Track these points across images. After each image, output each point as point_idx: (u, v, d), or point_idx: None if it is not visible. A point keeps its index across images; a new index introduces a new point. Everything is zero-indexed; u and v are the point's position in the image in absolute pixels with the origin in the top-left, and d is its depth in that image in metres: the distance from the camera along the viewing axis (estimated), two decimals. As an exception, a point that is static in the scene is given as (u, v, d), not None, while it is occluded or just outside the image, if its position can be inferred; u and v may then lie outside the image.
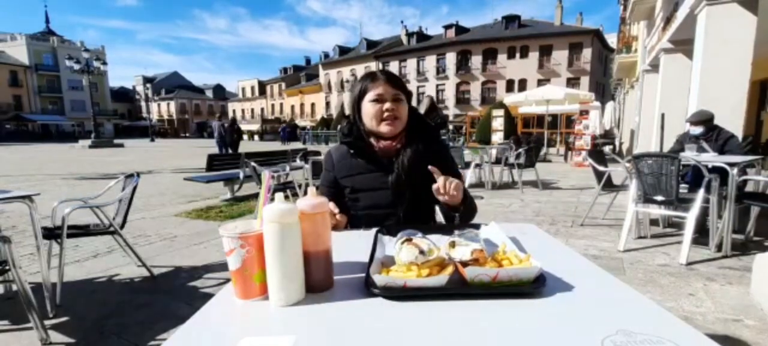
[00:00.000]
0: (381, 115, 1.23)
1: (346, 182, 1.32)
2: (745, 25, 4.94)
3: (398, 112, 1.24)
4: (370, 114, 1.25)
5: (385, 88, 1.24)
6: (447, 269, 0.70)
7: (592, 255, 3.11)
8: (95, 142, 22.42)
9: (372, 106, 1.24)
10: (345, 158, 1.33)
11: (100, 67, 23.11)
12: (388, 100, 1.23)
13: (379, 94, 1.23)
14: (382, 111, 1.23)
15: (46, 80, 48.70)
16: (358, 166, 1.31)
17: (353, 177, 1.31)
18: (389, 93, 1.24)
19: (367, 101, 1.25)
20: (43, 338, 1.86)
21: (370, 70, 1.34)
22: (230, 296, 0.69)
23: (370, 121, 1.26)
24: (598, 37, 33.26)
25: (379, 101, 1.24)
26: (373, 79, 1.26)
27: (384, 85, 1.24)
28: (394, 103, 1.24)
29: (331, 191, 1.35)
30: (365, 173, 1.29)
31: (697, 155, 3.43)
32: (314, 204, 0.69)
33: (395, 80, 1.27)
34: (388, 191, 1.26)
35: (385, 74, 1.27)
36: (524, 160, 6.72)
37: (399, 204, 1.26)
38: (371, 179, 1.28)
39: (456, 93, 37.11)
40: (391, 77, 1.27)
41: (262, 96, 58.39)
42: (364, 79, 1.29)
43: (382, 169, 1.28)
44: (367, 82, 1.27)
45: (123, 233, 2.65)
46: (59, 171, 10.44)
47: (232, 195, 5.82)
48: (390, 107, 1.23)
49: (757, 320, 2.05)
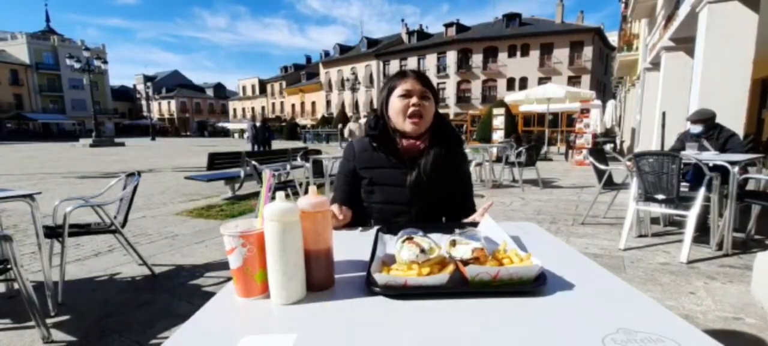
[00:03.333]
0: (407, 110, 1.25)
1: (365, 173, 1.33)
2: (747, 23, 4.93)
3: (424, 110, 1.26)
4: (397, 109, 1.26)
5: (413, 84, 1.26)
6: (448, 268, 0.70)
7: (592, 254, 3.11)
8: (96, 141, 22.43)
9: (399, 101, 1.26)
10: (367, 150, 1.34)
11: (100, 66, 23.14)
12: (415, 96, 1.25)
13: (407, 90, 1.26)
14: (408, 106, 1.25)
15: (47, 79, 48.70)
16: (379, 160, 1.32)
17: (373, 170, 1.32)
18: (417, 90, 1.26)
19: (395, 96, 1.27)
20: (44, 336, 1.86)
21: (402, 69, 1.37)
22: (231, 294, 0.69)
23: (396, 116, 1.27)
24: (599, 35, 33.17)
25: (407, 96, 1.25)
26: (403, 75, 1.29)
27: (413, 81, 1.27)
28: (421, 99, 1.26)
29: (348, 180, 1.36)
30: (386, 167, 1.31)
31: (698, 154, 3.43)
32: (315, 203, 0.69)
33: (424, 79, 1.30)
34: (405, 189, 1.27)
35: (415, 73, 1.30)
36: (525, 158, 6.71)
37: (414, 203, 1.28)
38: (390, 174, 1.30)
39: (457, 92, 37.06)
40: (421, 76, 1.30)
41: (263, 95, 58.36)
42: (395, 76, 1.32)
43: (403, 167, 1.29)
44: (396, 79, 1.30)
45: (124, 232, 2.66)
46: (60, 170, 10.46)
47: (233, 194, 5.82)
48: (416, 103, 1.25)
49: (758, 318, 2.05)
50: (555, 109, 13.82)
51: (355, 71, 37.47)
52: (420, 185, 1.26)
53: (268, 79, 58.25)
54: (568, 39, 32.62)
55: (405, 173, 1.28)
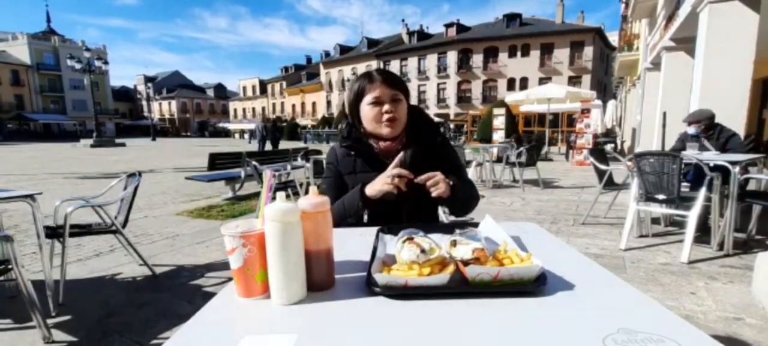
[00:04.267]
0: (380, 118, 1.21)
1: (349, 180, 1.31)
2: (748, 24, 4.93)
3: (397, 113, 1.22)
4: (369, 117, 1.23)
5: (382, 90, 1.21)
6: (448, 268, 0.70)
7: (593, 254, 3.11)
8: (97, 141, 22.45)
9: (371, 110, 1.22)
10: (347, 156, 1.32)
11: (101, 66, 23.13)
12: (386, 102, 1.21)
13: (377, 97, 1.21)
14: (381, 114, 1.21)
15: (48, 80, 48.80)
16: (359, 166, 1.30)
17: (355, 175, 1.30)
18: (387, 94, 1.21)
19: (365, 104, 1.23)
20: (45, 337, 1.87)
21: (367, 71, 1.31)
22: (232, 294, 0.69)
23: (370, 123, 1.24)
24: (600, 35, 33.16)
25: (378, 104, 1.21)
26: (370, 79, 1.23)
27: (381, 86, 1.21)
28: (393, 104, 1.21)
29: (336, 182, 1.34)
30: (368, 171, 1.28)
31: (699, 154, 3.42)
32: (315, 203, 0.69)
33: (392, 79, 1.24)
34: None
35: (382, 74, 1.24)
36: (525, 158, 6.71)
37: (404, 202, 1.25)
38: (373, 178, 1.26)
39: (457, 92, 37.07)
40: (388, 77, 1.24)
41: (263, 95, 58.40)
42: (361, 80, 1.26)
43: (384, 169, 1.26)
44: (364, 83, 1.24)
45: (125, 232, 2.66)
46: (61, 170, 10.47)
47: (234, 194, 5.83)
48: (389, 109, 1.20)
49: (759, 318, 2.05)
50: (555, 110, 13.82)
51: (355, 71, 37.52)
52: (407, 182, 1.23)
53: (268, 80, 58.29)
54: (568, 39, 32.63)
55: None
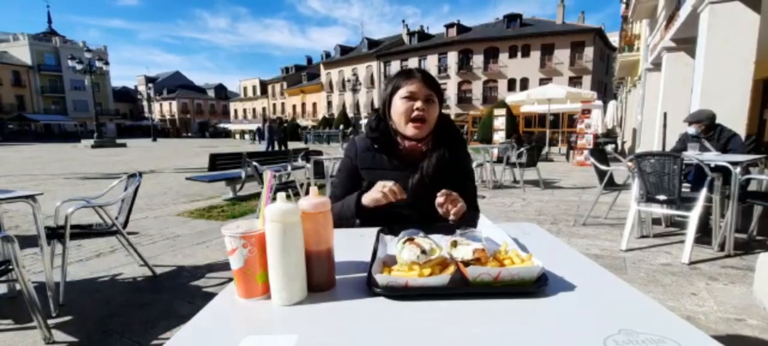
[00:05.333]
0: (410, 114, 1.21)
1: (365, 175, 1.30)
2: (748, 24, 4.92)
3: (427, 114, 1.22)
4: (400, 111, 1.22)
5: (418, 87, 1.21)
6: (449, 269, 0.70)
7: (594, 254, 3.11)
8: (98, 141, 22.46)
9: (402, 104, 1.22)
10: (368, 150, 1.31)
11: (102, 67, 23.19)
12: (420, 100, 1.21)
13: (412, 92, 1.21)
14: (411, 109, 1.21)
15: (49, 80, 48.91)
16: (380, 162, 1.29)
17: (374, 171, 1.29)
18: (422, 93, 1.21)
19: (399, 97, 1.23)
20: (46, 337, 1.87)
21: (407, 68, 1.30)
22: (232, 295, 0.69)
23: (399, 118, 1.24)
24: (600, 35, 33.15)
25: (411, 99, 1.21)
26: (408, 76, 1.24)
27: (418, 83, 1.22)
28: (426, 103, 1.21)
29: (350, 177, 1.33)
30: (387, 169, 1.27)
31: (700, 154, 3.42)
32: (316, 204, 0.69)
33: (430, 80, 1.24)
34: (407, 191, 1.23)
35: (421, 73, 1.25)
36: (526, 159, 6.71)
37: (416, 206, 1.24)
38: (392, 177, 1.25)
39: (458, 92, 37.05)
40: (427, 77, 1.24)
41: (264, 96, 58.44)
42: (400, 75, 1.26)
43: (404, 170, 1.26)
44: (401, 79, 1.25)
45: (125, 233, 2.66)
46: (62, 171, 10.48)
47: (234, 194, 5.83)
48: (421, 107, 1.21)
49: (760, 319, 2.05)
50: (556, 110, 13.83)
51: (356, 72, 37.55)
52: (422, 187, 1.23)
53: (269, 80, 58.33)
54: (568, 39, 32.62)
55: (407, 175, 1.25)
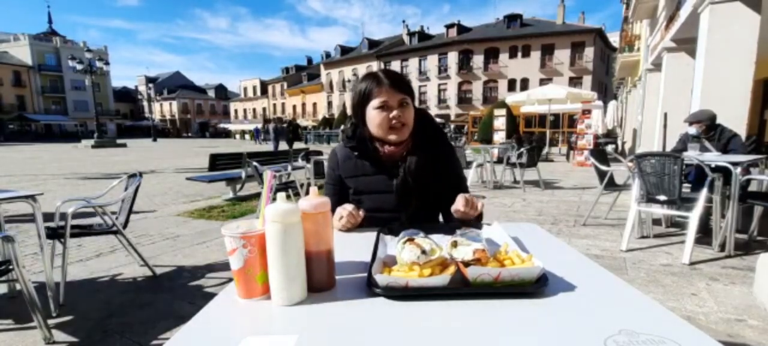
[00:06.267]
0: (388, 124, 1.18)
1: (350, 183, 1.30)
2: (749, 24, 4.91)
3: (405, 118, 1.18)
4: (376, 122, 1.19)
5: (390, 95, 1.16)
6: (449, 269, 0.70)
7: (594, 255, 3.10)
8: (98, 142, 22.48)
9: (378, 115, 1.17)
10: (350, 158, 1.30)
11: (102, 67, 23.19)
12: (394, 108, 1.17)
13: (385, 102, 1.17)
14: (389, 119, 1.17)
15: (49, 80, 48.93)
16: (362, 168, 1.28)
17: (357, 178, 1.28)
18: (395, 99, 1.17)
19: (372, 108, 1.18)
20: (46, 337, 1.87)
21: (372, 71, 1.24)
22: (232, 295, 0.69)
23: (376, 129, 1.20)
24: (601, 36, 33.13)
25: (385, 109, 1.17)
26: (377, 82, 1.18)
27: (389, 90, 1.16)
28: (401, 109, 1.18)
29: (337, 188, 1.33)
30: (370, 175, 1.26)
31: (700, 155, 3.42)
32: (316, 204, 0.69)
33: (400, 83, 1.19)
34: (393, 194, 1.23)
35: (389, 77, 1.18)
36: (526, 159, 6.71)
37: (404, 208, 1.23)
38: (376, 181, 1.25)
39: (458, 92, 37.05)
40: (396, 80, 1.19)
41: (264, 96, 58.45)
42: (367, 81, 1.20)
43: (387, 173, 1.25)
44: (371, 86, 1.18)
45: (126, 233, 2.66)
46: (62, 171, 10.48)
47: (235, 195, 5.83)
48: (397, 115, 1.17)
49: (761, 319, 2.05)
50: (556, 110, 13.82)
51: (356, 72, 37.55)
52: (407, 188, 1.22)
53: (269, 80, 58.33)
54: (569, 40, 32.61)
55: (390, 178, 1.24)
